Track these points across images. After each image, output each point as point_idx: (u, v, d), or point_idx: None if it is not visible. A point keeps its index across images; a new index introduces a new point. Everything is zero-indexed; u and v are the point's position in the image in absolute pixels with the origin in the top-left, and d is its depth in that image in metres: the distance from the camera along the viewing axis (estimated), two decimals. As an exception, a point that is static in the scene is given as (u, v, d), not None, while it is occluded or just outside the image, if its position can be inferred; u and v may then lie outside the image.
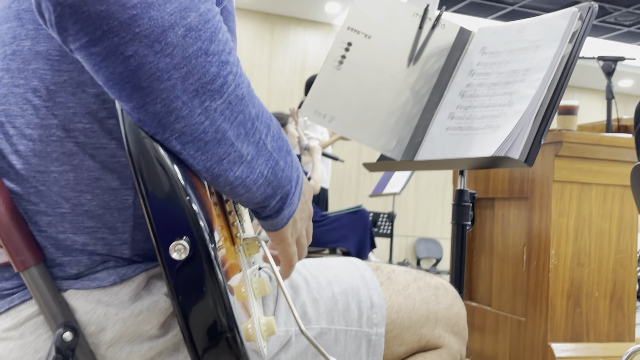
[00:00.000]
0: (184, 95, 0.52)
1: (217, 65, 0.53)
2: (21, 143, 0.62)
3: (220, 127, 0.55)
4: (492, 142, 1.14)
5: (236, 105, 0.56)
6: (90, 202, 0.62)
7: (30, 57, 0.62)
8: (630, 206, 2.30)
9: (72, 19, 0.49)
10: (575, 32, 1.15)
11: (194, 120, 0.54)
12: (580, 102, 2.31)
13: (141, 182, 0.54)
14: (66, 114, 0.62)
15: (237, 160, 0.57)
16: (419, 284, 0.85)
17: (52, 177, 0.62)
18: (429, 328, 0.82)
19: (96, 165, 0.62)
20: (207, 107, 0.54)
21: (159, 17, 0.50)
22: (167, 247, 0.54)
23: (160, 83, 0.51)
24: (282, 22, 6.86)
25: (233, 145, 0.57)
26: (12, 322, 0.61)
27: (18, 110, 0.62)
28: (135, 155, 0.55)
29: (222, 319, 0.56)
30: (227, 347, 0.57)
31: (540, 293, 2.20)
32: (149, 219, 0.54)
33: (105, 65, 0.51)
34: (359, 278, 0.81)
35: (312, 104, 1.26)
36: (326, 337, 0.76)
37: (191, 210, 0.55)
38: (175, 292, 0.55)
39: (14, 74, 0.63)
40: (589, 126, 2.79)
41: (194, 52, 0.52)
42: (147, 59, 0.50)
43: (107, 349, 0.62)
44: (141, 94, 0.52)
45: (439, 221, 7.28)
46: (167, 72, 0.51)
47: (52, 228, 0.62)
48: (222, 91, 0.54)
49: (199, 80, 0.53)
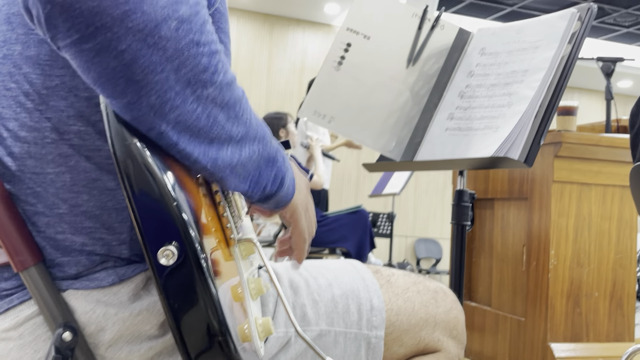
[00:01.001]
0: (177, 85, 0.53)
1: (208, 55, 0.55)
2: (15, 145, 0.62)
3: (212, 112, 0.56)
4: (492, 143, 1.14)
5: (226, 91, 0.57)
6: (88, 202, 0.63)
7: (20, 62, 0.62)
8: (630, 206, 2.30)
9: (62, 16, 0.49)
10: (575, 33, 1.15)
11: (187, 108, 0.55)
12: (579, 102, 2.31)
13: (128, 187, 0.54)
14: (59, 117, 0.62)
15: (228, 141, 0.58)
16: (418, 287, 0.85)
17: (48, 178, 0.62)
18: (428, 331, 0.82)
19: (92, 166, 0.62)
20: (199, 95, 0.55)
21: (151, 11, 0.50)
22: (156, 253, 0.54)
23: (155, 75, 0.52)
24: (282, 23, 6.86)
25: (224, 128, 0.58)
26: (11, 323, 0.61)
27: (11, 113, 0.62)
28: (122, 160, 0.55)
29: (213, 323, 0.56)
30: (219, 351, 0.57)
31: (540, 293, 2.20)
32: (137, 224, 0.54)
33: (98, 61, 0.50)
34: (359, 280, 0.81)
35: (311, 104, 1.26)
36: (326, 339, 0.76)
37: (179, 215, 0.54)
38: (165, 297, 0.55)
39: (5, 77, 0.63)
40: (588, 127, 2.79)
41: (186, 44, 0.53)
42: (141, 53, 0.51)
43: (107, 349, 0.62)
44: (136, 88, 0.52)
45: (438, 221, 7.28)
46: (161, 64, 0.52)
47: (51, 229, 0.62)
48: (214, 79, 0.55)
49: (191, 70, 0.54)
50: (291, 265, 0.79)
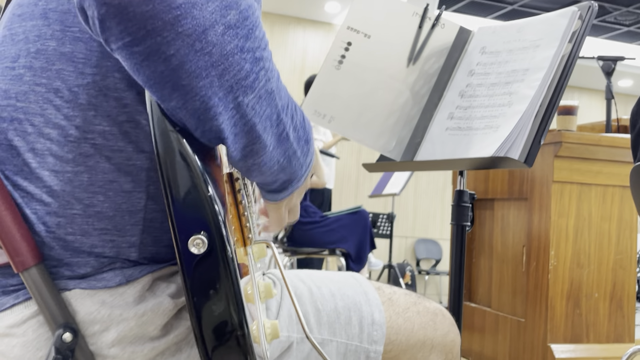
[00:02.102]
0: (220, 91, 0.54)
1: (251, 61, 0.55)
2: (38, 141, 0.62)
3: (250, 121, 0.57)
4: (492, 143, 1.13)
5: (265, 100, 0.58)
6: (103, 203, 0.63)
7: (54, 58, 0.63)
8: (630, 207, 2.29)
9: (116, 18, 0.49)
10: (575, 31, 1.14)
11: (227, 115, 0.55)
12: (579, 102, 2.31)
13: (164, 175, 0.56)
14: (86, 116, 0.62)
15: (260, 151, 0.60)
16: (418, 308, 0.85)
17: (66, 177, 0.62)
18: (425, 354, 0.83)
19: (111, 167, 0.63)
20: (239, 103, 0.55)
21: (201, 16, 0.50)
22: (186, 241, 0.55)
23: (199, 81, 0.53)
24: (282, 22, 6.86)
25: (260, 137, 0.59)
26: (15, 319, 0.62)
27: (38, 108, 0.62)
28: (161, 145, 0.56)
29: (234, 317, 0.57)
30: (236, 345, 0.57)
31: (540, 294, 2.20)
32: (170, 212, 0.55)
33: (146, 64, 0.51)
34: (361, 294, 0.81)
35: (311, 104, 1.25)
36: (327, 349, 0.76)
37: (211, 206, 0.56)
38: (189, 287, 0.56)
39: (37, 72, 0.63)
40: (588, 126, 2.78)
41: (231, 49, 0.53)
42: (188, 58, 0.51)
43: (110, 349, 0.63)
44: (181, 92, 0.53)
45: (438, 222, 7.28)
46: (206, 69, 0.52)
47: (61, 229, 0.62)
48: (254, 87, 0.56)
49: (234, 77, 0.54)
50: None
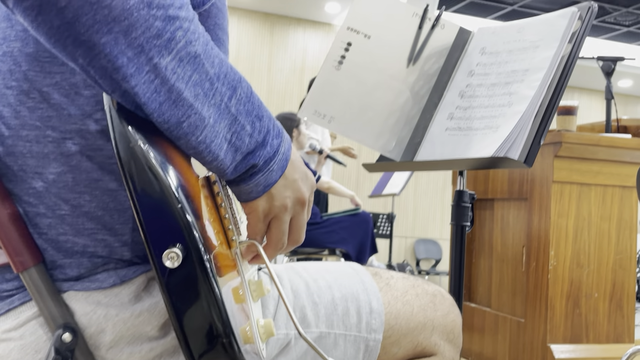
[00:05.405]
0: (129, 50, 0.51)
1: (162, 19, 0.52)
2: (17, 144, 0.61)
3: (174, 87, 0.53)
4: (492, 143, 1.13)
5: (189, 64, 0.54)
6: (90, 203, 0.62)
7: (20, 59, 0.61)
8: (630, 207, 2.30)
9: None
10: (575, 32, 1.15)
11: (143, 79, 0.52)
12: (579, 102, 2.31)
13: (132, 189, 0.54)
14: (61, 116, 0.61)
15: (199, 124, 0.55)
16: (417, 290, 0.85)
17: (50, 178, 0.61)
18: (426, 335, 0.82)
19: (94, 166, 0.62)
20: (155, 64, 0.52)
21: None
22: (160, 255, 0.54)
23: (101, 36, 0.50)
24: (282, 22, 6.86)
25: (192, 107, 0.55)
26: (12, 324, 0.61)
27: (11, 111, 0.62)
28: (126, 162, 0.54)
29: (217, 325, 0.56)
30: (223, 352, 0.56)
31: (540, 294, 2.20)
32: (141, 226, 0.54)
33: (41, 19, 0.49)
34: (358, 283, 0.80)
35: (311, 104, 1.26)
36: (325, 341, 0.75)
37: (183, 217, 0.54)
38: (169, 297, 0.55)
39: (6, 75, 0.62)
40: (588, 127, 2.78)
41: (135, 4, 0.50)
42: (83, 10, 0.49)
43: (107, 350, 0.62)
44: (84, 49, 0.50)
45: (438, 222, 7.28)
46: (107, 24, 0.50)
47: (53, 230, 0.62)
48: (170, 47, 0.52)
49: (142, 34, 0.51)
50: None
